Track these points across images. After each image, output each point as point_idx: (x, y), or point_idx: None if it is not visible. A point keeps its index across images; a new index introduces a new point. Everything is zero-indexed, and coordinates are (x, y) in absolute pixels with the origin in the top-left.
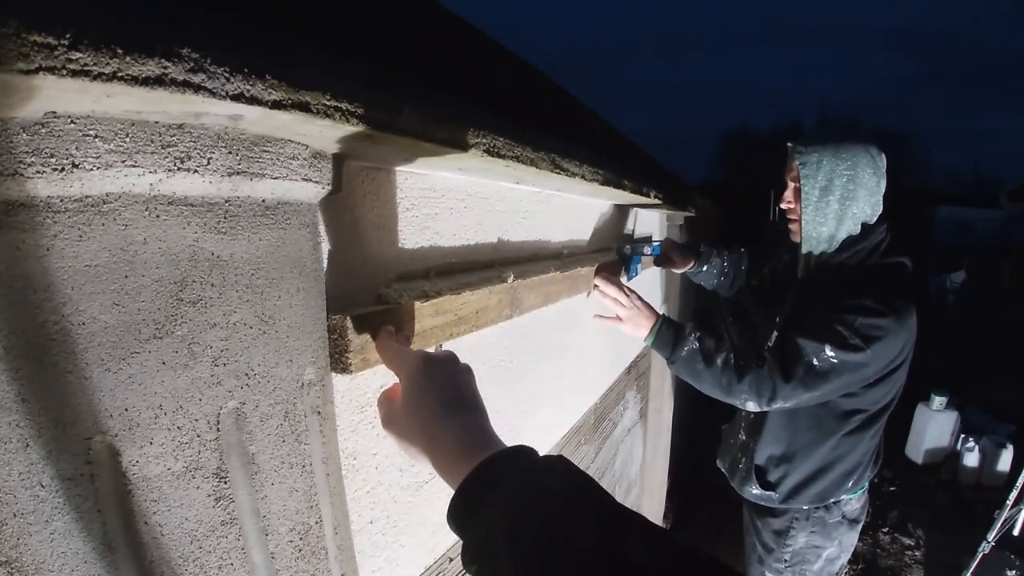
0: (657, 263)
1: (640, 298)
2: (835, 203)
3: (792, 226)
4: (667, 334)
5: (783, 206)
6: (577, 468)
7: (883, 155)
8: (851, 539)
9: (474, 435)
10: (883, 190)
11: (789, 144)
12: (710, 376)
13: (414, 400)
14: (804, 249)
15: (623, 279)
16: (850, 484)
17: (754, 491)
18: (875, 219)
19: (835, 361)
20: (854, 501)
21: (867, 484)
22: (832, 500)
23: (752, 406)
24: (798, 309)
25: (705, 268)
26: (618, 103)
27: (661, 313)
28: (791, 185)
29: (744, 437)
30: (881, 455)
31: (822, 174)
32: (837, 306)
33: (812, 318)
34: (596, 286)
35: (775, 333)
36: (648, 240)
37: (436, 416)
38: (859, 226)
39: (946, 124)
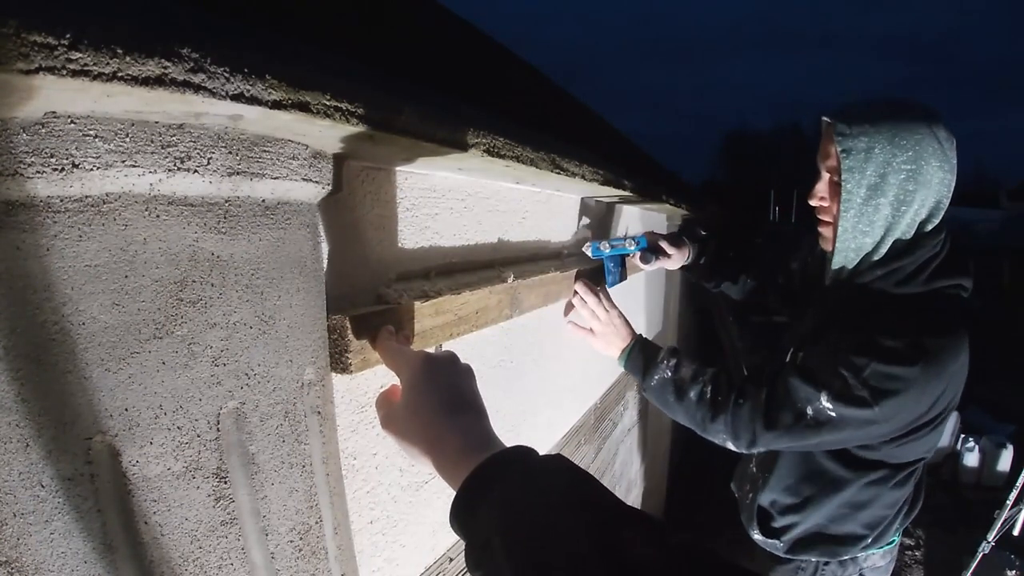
0: (644, 260)
1: (621, 315)
2: (886, 207)
3: (824, 229)
4: (638, 359)
5: (814, 202)
6: (576, 466)
7: (952, 138)
8: None
9: (474, 436)
10: (951, 189)
11: (826, 119)
12: (682, 411)
13: (414, 401)
14: (836, 263)
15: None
16: (869, 539)
17: (756, 536)
18: (933, 225)
19: (833, 414)
20: (877, 557)
21: (897, 539)
22: (847, 556)
23: (732, 447)
24: (817, 331)
25: (704, 259)
26: (623, 106)
27: (638, 334)
28: (825, 176)
29: (755, 469)
30: (920, 501)
31: (872, 167)
32: (851, 341)
33: (817, 351)
34: (576, 292)
35: (788, 357)
36: (626, 237)
37: (437, 417)
38: (913, 231)
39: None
